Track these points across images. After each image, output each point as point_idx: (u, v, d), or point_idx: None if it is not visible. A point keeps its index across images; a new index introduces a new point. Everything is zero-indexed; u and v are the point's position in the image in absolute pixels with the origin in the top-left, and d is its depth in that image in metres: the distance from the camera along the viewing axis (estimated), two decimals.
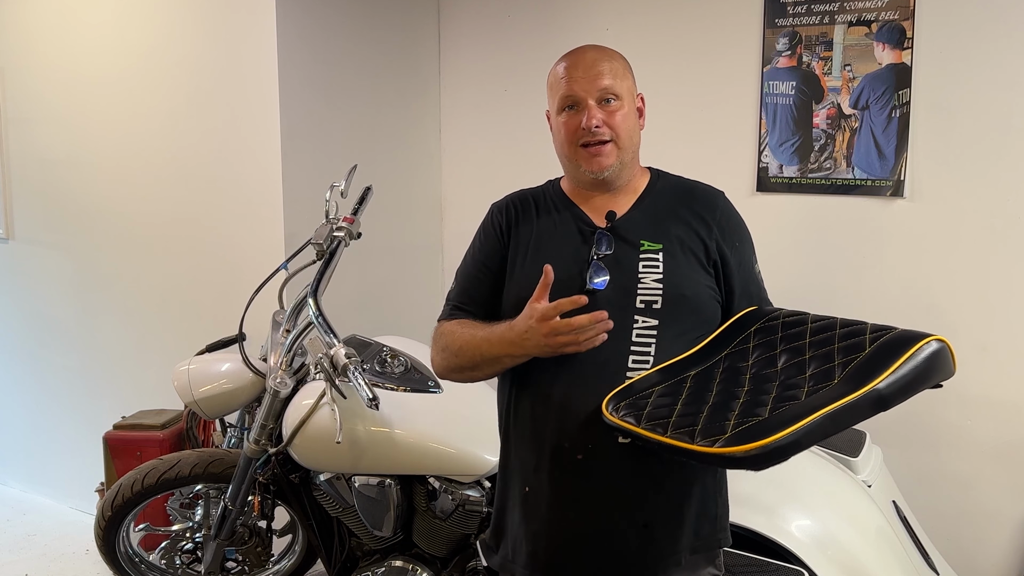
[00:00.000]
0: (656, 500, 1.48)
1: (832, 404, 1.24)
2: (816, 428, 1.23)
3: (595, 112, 1.50)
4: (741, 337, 1.47)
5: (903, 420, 2.69)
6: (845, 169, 2.70)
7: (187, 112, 3.11)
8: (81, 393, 3.63)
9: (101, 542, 2.50)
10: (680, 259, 1.52)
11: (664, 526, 1.49)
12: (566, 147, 1.55)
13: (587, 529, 1.49)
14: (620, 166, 1.55)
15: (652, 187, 1.61)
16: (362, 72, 3.19)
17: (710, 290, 1.54)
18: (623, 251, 1.51)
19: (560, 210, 1.59)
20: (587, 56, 1.54)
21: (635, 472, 1.46)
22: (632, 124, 1.55)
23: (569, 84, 1.52)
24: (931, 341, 1.29)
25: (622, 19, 3.04)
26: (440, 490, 2.12)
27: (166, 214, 3.24)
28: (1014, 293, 2.51)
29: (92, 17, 3.33)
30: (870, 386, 1.25)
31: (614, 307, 1.46)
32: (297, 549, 2.63)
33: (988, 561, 2.62)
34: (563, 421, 1.47)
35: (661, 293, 1.48)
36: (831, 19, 2.68)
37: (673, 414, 1.33)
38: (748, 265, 1.61)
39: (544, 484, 1.50)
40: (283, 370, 2.19)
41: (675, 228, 1.54)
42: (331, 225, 2.23)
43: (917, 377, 1.28)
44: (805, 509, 2.02)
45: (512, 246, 1.59)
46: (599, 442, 1.45)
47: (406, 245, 3.39)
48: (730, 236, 1.58)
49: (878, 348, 1.30)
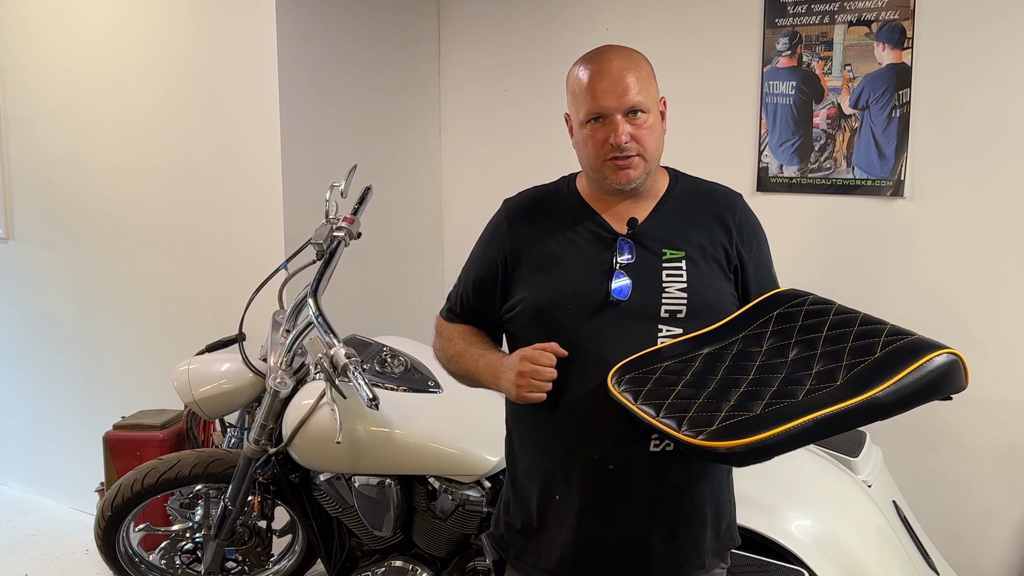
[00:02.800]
0: (680, 506, 1.49)
1: (825, 410, 1.22)
2: (804, 432, 1.22)
3: (623, 128, 1.45)
4: (762, 320, 1.45)
5: (903, 420, 2.67)
6: (845, 169, 2.70)
7: (187, 112, 3.11)
8: (81, 393, 3.63)
9: (101, 542, 2.50)
10: (703, 267, 1.50)
11: (688, 531, 1.50)
12: (592, 159, 1.51)
13: (616, 537, 1.49)
14: (646, 176, 1.52)
15: (672, 191, 1.58)
16: (362, 72, 3.19)
17: (731, 297, 1.53)
18: (645, 259, 1.49)
19: (578, 215, 1.55)
20: (613, 66, 1.48)
21: (661, 480, 1.47)
22: (658, 134, 1.52)
23: (595, 98, 1.46)
24: (942, 354, 1.24)
25: (622, 19, 3.04)
26: (440, 490, 2.12)
27: (166, 214, 3.23)
28: (1014, 293, 2.51)
29: (92, 17, 3.33)
30: (869, 394, 1.22)
31: (638, 317, 1.45)
32: (297, 549, 2.63)
33: (988, 561, 2.62)
34: (591, 432, 1.46)
35: (686, 303, 1.46)
36: (831, 19, 2.68)
37: (671, 395, 1.32)
38: (766, 268, 1.60)
39: (573, 494, 1.50)
40: (283, 370, 2.19)
41: (696, 234, 1.52)
42: (331, 225, 2.23)
43: (922, 389, 1.24)
44: (805, 509, 2.02)
45: (520, 254, 1.56)
46: (629, 452, 1.45)
47: (406, 245, 3.39)
48: (748, 240, 1.57)
49: (887, 355, 1.26)
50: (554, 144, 3.05)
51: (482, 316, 1.63)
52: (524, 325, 1.53)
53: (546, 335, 1.46)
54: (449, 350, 1.63)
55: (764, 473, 2.09)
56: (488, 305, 1.60)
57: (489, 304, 1.60)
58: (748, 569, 1.85)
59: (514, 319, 1.55)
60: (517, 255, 1.55)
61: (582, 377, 1.45)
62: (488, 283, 1.59)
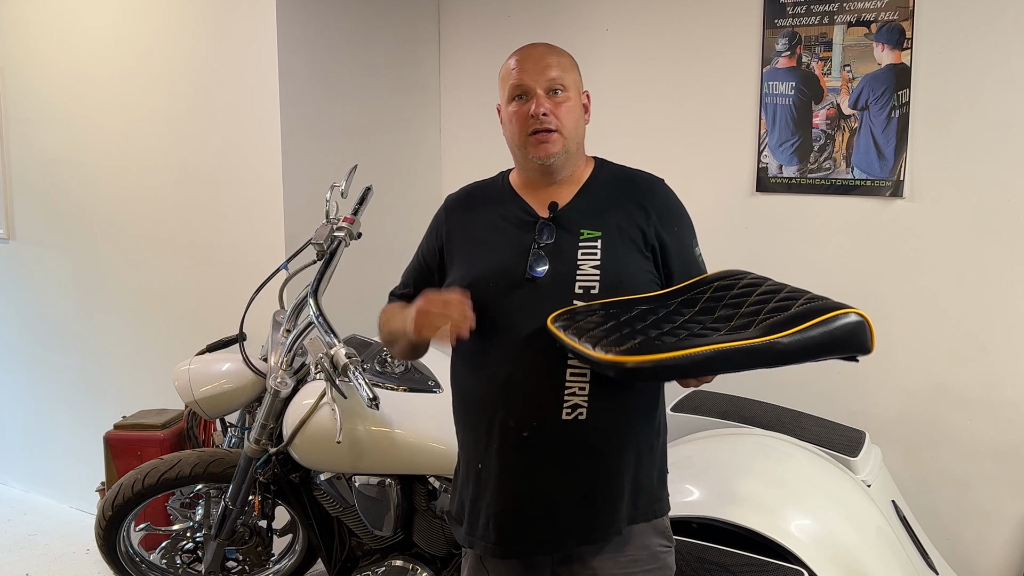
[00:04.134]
0: (595, 472, 1.56)
1: (729, 343, 1.32)
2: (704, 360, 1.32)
3: (543, 101, 1.58)
4: (699, 289, 1.55)
5: (903, 420, 2.69)
6: (845, 169, 2.70)
7: (188, 112, 3.11)
8: (81, 393, 3.63)
9: (102, 542, 2.50)
10: (618, 245, 1.58)
11: (603, 498, 1.56)
12: (516, 135, 1.62)
13: (532, 501, 1.57)
14: (565, 155, 1.62)
15: (595, 177, 1.68)
16: (362, 72, 3.19)
17: (649, 274, 1.60)
18: (564, 240, 1.59)
19: (506, 201, 1.67)
20: (537, 50, 1.63)
21: (576, 446, 1.54)
22: (577, 116, 1.63)
23: (519, 75, 1.60)
24: (850, 313, 1.33)
25: (622, 19, 3.04)
26: (440, 490, 2.12)
27: (166, 214, 3.24)
28: (1014, 293, 2.51)
29: (92, 17, 3.33)
30: (772, 337, 1.31)
31: (553, 293, 1.54)
32: (297, 549, 2.63)
33: (988, 561, 2.62)
34: (509, 401, 1.55)
35: (598, 279, 1.55)
36: (831, 19, 2.68)
37: (596, 328, 1.41)
38: (688, 248, 1.67)
39: (493, 460, 1.58)
40: (283, 370, 2.19)
41: (614, 216, 1.61)
42: (331, 225, 2.24)
43: (826, 342, 1.32)
44: (805, 509, 2.02)
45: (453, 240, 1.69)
46: (543, 419, 1.53)
47: (406, 245, 3.36)
48: (668, 221, 1.64)
49: (799, 311, 1.36)
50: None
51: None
52: None
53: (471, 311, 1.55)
54: (381, 320, 1.78)
55: (764, 473, 2.10)
56: (428, 285, 1.71)
57: (429, 284, 1.71)
58: (748, 569, 1.85)
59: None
60: (452, 240, 1.70)
61: (502, 348, 1.55)
62: (428, 266, 1.74)
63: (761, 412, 2.46)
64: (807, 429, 2.37)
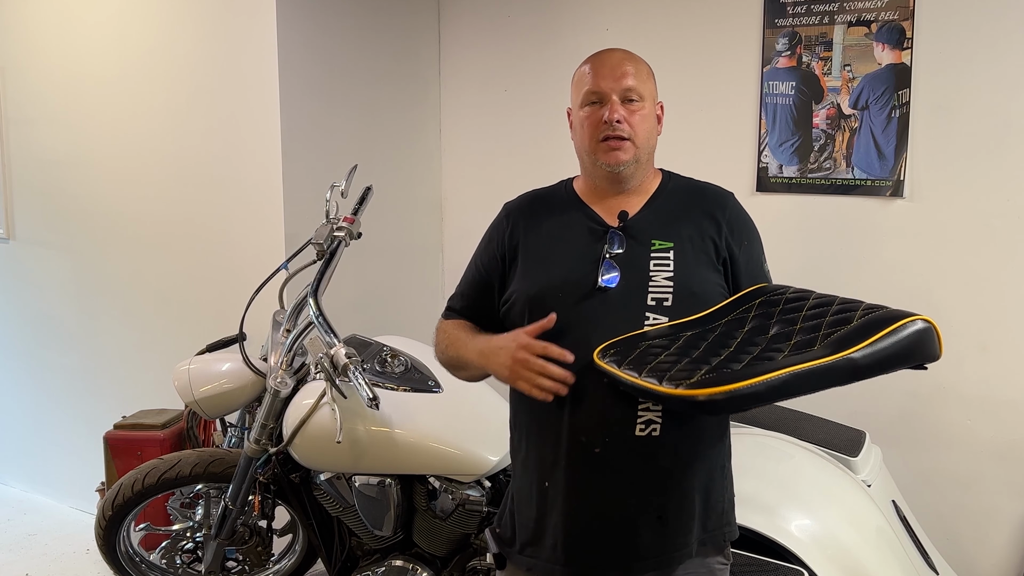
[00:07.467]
0: (668, 492, 1.51)
1: (803, 364, 1.27)
2: (781, 384, 1.26)
3: (617, 107, 1.54)
4: (743, 308, 1.50)
5: (903, 420, 2.69)
6: (845, 169, 2.70)
7: (188, 112, 3.11)
8: (81, 393, 3.63)
9: (101, 542, 2.50)
10: (690, 257, 1.54)
11: (676, 518, 1.52)
12: (586, 140, 1.57)
13: (604, 521, 1.52)
14: (635, 164, 1.57)
15: (664, 188, 1.63)
16: (362, 72, 3.19)
17: (719, 288, 1.56)
18: (634, 250, 1.54)
19: (572, 210, 1.62)
20: (615, 56, 1.59)
21: (648, 465, 1.49)
22: (651, 126, 1.59)
23: (595, 80, 1.56)
24: (916, 320, 1.30)
25: (622, 19, 3.04)
26: (440, 490, 2.12)
27: (166, 214, 3.24)
28: (1014, 293, 2.51)
29: (92, 17, 3.33)
30: (845, 353, 1.26)
31: (625, 304, 1.49)
32: (297, 549, 2.63)
33: (988, 561, 2.62)
34: (579, 417, 1.49)
35: (672, 291, 1.51)
36: (831, 19, 2.68)
37: (654, 361, 1.36)
38: (757, 262, 1.63)
39: (562, 478, 1.52)
40: (283, 370, 2.19)
41: (686, 228, 1.57)
42: (331, 225, 2.24)
43: (897, 353, 1.29)
44: (805, 509, 2.02)
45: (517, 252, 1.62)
46: (615, 436, 1.48)
47: (406, 245, 3.39)
48: (739, 235, 1.60)
49: (864, 322, 1.32)
50: (554, 144, 3.06)
51: (481, 311, 1.67)
52: (518, 313, 1.57)
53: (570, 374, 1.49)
54: (443, 342, 1.68)
55: (764, 473, 2.10)
56: (487, 298, 1.65)
57: (488, 297, 1.65)
58: (748, 569, 1.85)
59: (509, 309, 1.60)
60: (515, 249, 1.62)
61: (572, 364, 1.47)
62: (488, 277, 1.65)
63: (761, 412, 2.46)
64: (807, 429, 2.37)
